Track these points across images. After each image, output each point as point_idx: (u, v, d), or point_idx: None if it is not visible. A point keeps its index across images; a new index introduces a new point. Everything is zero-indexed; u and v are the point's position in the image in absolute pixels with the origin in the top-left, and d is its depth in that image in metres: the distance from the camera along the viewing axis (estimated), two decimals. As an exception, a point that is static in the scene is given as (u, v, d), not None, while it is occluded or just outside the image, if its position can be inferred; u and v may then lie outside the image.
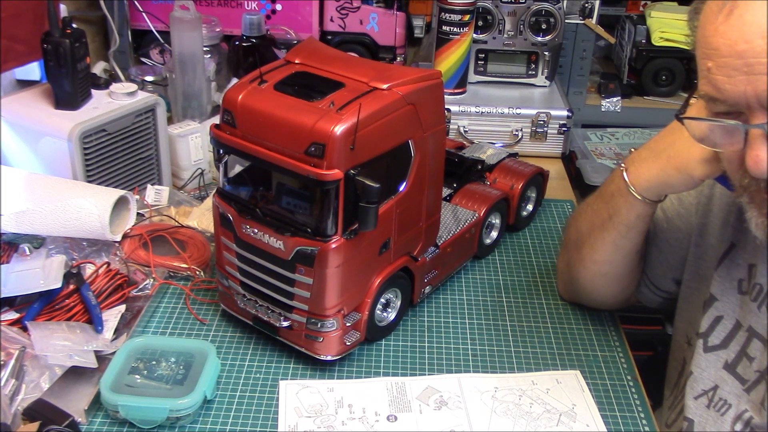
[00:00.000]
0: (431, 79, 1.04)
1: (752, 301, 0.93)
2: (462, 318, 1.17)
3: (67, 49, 1.23)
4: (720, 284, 0.97)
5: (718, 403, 0.95)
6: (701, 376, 0.97)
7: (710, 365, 0.96)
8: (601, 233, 1.05)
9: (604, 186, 1.06)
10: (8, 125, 1.28)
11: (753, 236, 0.86)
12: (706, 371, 0.97)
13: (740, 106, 0.74)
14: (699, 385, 0.97)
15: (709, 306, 0.97)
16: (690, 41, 0.80)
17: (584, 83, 1.90)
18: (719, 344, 0.96)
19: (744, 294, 0.95)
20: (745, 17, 0.70)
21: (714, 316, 0.97)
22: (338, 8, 1.80)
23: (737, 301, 0.95)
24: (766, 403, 0.89)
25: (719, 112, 0.77)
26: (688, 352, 1.05)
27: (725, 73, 0.72)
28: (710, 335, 0.97)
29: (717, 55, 0.73)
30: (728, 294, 0.96)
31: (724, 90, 0.73)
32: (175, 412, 0.95)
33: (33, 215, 1.18)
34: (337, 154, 0.91)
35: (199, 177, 1.45)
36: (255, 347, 1.10)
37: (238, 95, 0.98)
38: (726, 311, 0.96)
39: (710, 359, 0.96)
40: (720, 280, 0.97)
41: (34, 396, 0.96)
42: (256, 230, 1.00)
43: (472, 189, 1.30)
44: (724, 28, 0.72)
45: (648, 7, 1.98)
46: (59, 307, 1.07)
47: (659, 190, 0.97)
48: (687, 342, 1.06)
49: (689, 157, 0.89)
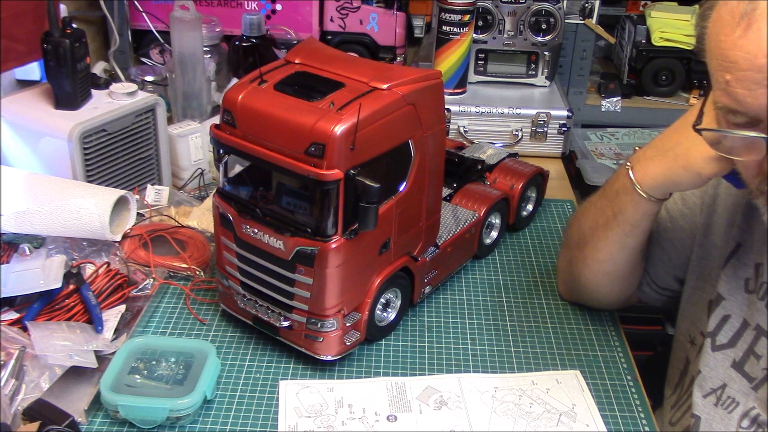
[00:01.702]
0: (431, 79, 1.04)
1: (759, 299, 0.93)
2: (462, 318, 1.17)
3: (67, 49, 1.23)
4: (727, 284, 0.97)
5: (726, 401, 0.95)
6: (709, 375, 0.97)
7: (718, 364, 0.97)
8: (605, 231, 1.05)
9: (608, 184, 1.06)
10: (8, 125, 1.28)
11: (759, 236, 0.87)
12: (715, 370, 0.97)
13: (761, 117, 0.74)
14: (707, 384, 0.97)
15: (716, 305, 0.98)
16: (698, 46, 0.80)
17: (584, 83, 1.90)
18: (727, 343, 0.96)
19: (751, 293, 0.95)
20: (763, 31, 0.70)
21: (721, 316, 0.97)
22: (338, 8, 1.80)
23: (744, 300, 0.95)
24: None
25: (737, 123, 0.77)
26: (691, 351, 1.05)
27: (746, 87, 0.72)
28: (718, 334, 0.97)
29: (736, 68, 0.72)
30: (735, 293, 0.96)
31: (744, 103, 0.73)
32: (175, 412, 0.95)
33: (33, 215, 1.18)
34: (337, 154, 0.91)
35: (199, 177, 1.45)
36: (255, 347, 1.10)
37: (238, 95, 0.98)
38: (733, 310, 0.96)
39: (718, 358, 0.97)
40: (727, 280, 0.97)
41: (34, 396, 0.96)
42: (256, 230, 1.00)
43: (472, 189, 1.30)
44: (743, 42, 0.71)
45: (648, 7, 1.98)
46: (59, 307, 1.07)
47: (666, 188, 0.97)
48: (690, 341, 1.06)
49: (697, 155, 0.89)
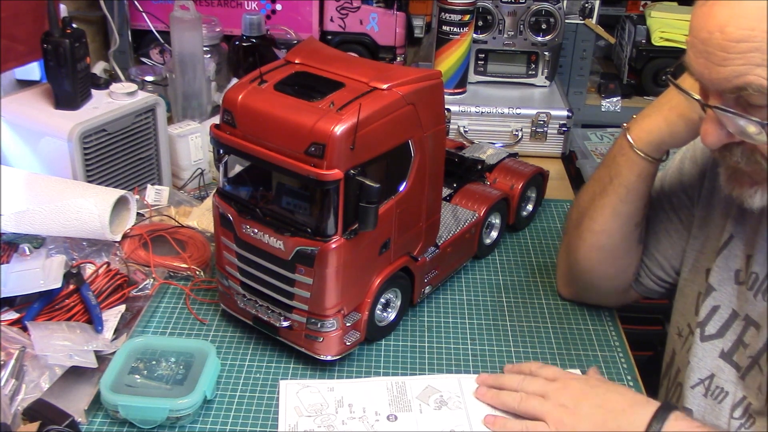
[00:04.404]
0: (431, 79, 1.04)
1: (748, 290, 0.94)
2: (462, 318, 1.17)
3: (67, 49, 1.23)
4: (718, 274, 0.98)
5: (715, 392, 0.96)
6: (698, 366, 0.98)
7: (707, 354, 0.98)
8: (600, 200, 1.06)
9: (608, 153, 1.08)
10: (8, 125, 1.28)
11: (751, 227, 0.89)
12: (703, 360, 0.98)
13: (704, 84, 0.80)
14: (695, 375, 0.99)
15: (706, 296, 0.99)
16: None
17: (584, 83, 1.90)
18: (715, 333, 0.98)
19: (741, 284, 0.96)
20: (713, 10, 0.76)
21: (711, 306, 0.98)
22: (338, 8, 1.80)
23: (734, 291, 0.97)
24: (764, 387, 0.90)
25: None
26: (677, 342, 1.07)
27: (693, 52, 0.79)
28: (707, 325, 0.99)
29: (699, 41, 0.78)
30: (725, 284, 0.97)
31: (690, 65, 0.80)
32: (175, 412, 0.95)
33: (33, 215, 1.18)
34: (337, 154, 0.91)
35: (199, 177, 1.45)
36: (255, 347, 1.10)
37: (238, 95, 0.98)
38: (723, 301, 0.98)
39: (707, 348, 0.98)
40: (718, 271, 0.98)
41: (34, 396, 0.96)
42: (256, 230, 1.00)
43: (472, 189, 1.30)
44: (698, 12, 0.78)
45: (648, 7, 1.98)
46: (59, 307, 1.07)
47: (663, 142, 0.99)
48: (678, 333, 1.07)
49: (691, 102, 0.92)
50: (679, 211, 1.09)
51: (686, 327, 1.05)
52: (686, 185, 1.08)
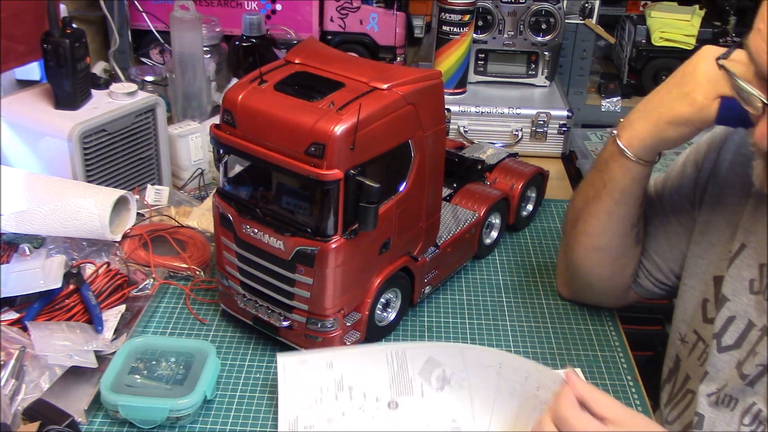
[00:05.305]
0: (431, 79, 1.04)
1: (766, 300, 0.93)
2: (462, 318, 1.17)
3: (67, 49, 1.23)
4: (731, 284, 0.97)
5: (725, 400, 0.95)
6: (716, 376, 0.97)
7: (725, 365, 0.96)
8: (595, 204, 1.06)
9: (598, 157, 1.07)
10: (8, 125, 1.28)
11: (763, 236, 0.89)
12: (722, 371, 0.97)
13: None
14: (714, 384, 0.97)
15: (721, 306, 0.98)
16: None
17: (584, 83, 1.90)
18: (733, 344, 0.96)
19: (756, 294, 0.95)
20: None
21: (726, 317, 0.97)
22: (338, 8, 1.80)
23: (749, 301, 0.95)
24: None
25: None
26: (682, 349, 1.06)
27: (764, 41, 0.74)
28: (723, 335, 0.97)
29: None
30: (740, 294, 0.96)
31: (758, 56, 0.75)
32: (175, 412, 0.95)
33: (33, 215, 1.18)
34: (337, 154, 0.91)
35: (199, 177, 1.45)
36: (255, 347, 1.10)
37: (238, 95, 0.98)
38: (738, 311, 0.96)
39: (724, 359, 0.97)
40: (731, 281, 0.97)
41: (34, 396, 0.96)
42: (256, 230, 1.00)
43: (472, 189, 1.30)
44: None
45: (648, 7, 1.98)
46: (59, 307, 1.07)
47: (654, 146, 0.98)
48: (681, 339, 1.06)
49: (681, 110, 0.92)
50: (680, 215, 1.08)
51: (692, 334, 1.03)
52: (688, 189, 1.07)
